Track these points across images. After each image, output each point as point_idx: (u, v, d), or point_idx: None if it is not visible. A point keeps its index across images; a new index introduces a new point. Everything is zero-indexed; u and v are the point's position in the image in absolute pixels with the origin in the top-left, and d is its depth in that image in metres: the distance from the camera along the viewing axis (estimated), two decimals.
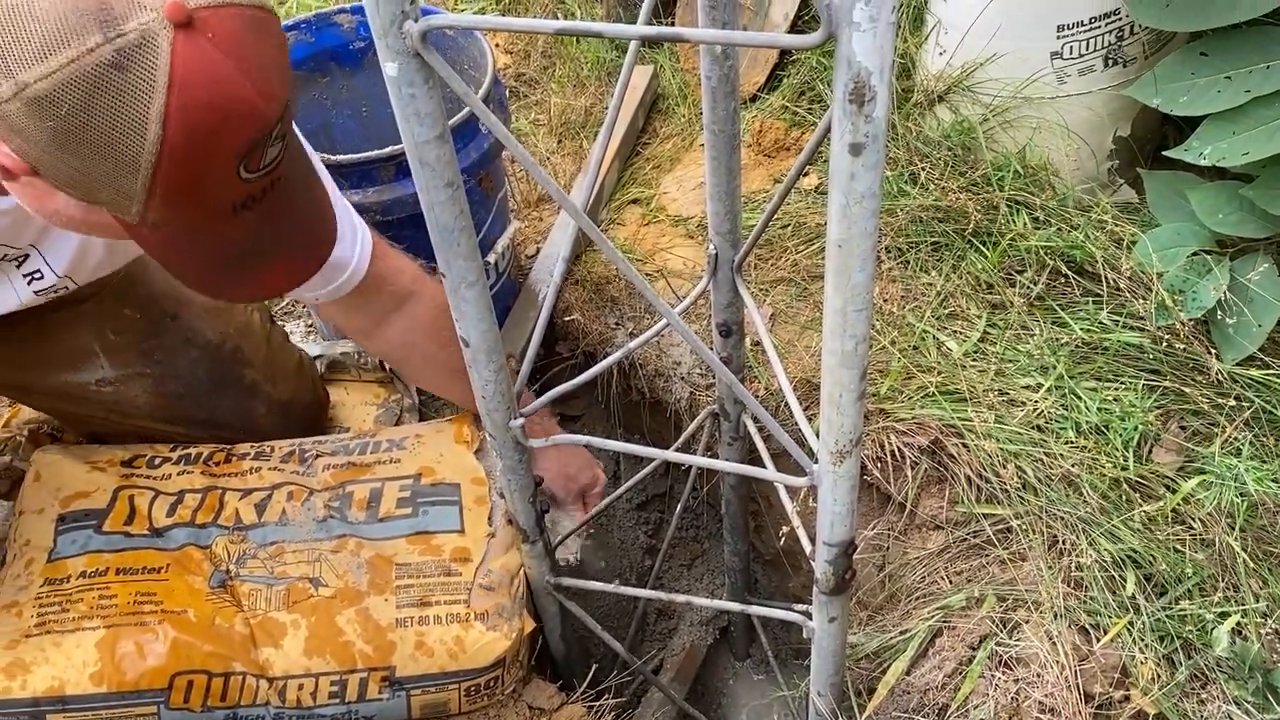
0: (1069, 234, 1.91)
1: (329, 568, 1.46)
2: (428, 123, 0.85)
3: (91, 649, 1.33)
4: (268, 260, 1.07)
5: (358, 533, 1.51)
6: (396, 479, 1.58)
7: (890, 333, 1.88)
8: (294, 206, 1.05)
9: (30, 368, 1.54)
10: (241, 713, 1.38)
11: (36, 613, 1.36)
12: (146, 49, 0.85)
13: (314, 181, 1.12)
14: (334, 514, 1.53)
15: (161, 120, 0.86)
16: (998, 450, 1.66)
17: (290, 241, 1.08)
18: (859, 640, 1.66)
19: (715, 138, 1.17)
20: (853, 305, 0.83)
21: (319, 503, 1.53)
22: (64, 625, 1.35)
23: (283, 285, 1.19)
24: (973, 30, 1.99)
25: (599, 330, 2.14)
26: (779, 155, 2.34)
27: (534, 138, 2.56)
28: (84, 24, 0.84)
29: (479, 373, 1.13)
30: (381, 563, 1.48)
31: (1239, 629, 1.45)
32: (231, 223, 0.98)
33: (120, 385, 1.58)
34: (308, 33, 1.93)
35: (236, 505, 1.51)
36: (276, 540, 1.48)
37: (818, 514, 1.06)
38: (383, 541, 1.50)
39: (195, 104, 0.87)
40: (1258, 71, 1.67)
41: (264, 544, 1.48)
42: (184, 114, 0.87)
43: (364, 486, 1.57)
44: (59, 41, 0.84)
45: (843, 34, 0.65)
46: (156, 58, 0.85)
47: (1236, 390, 1.67)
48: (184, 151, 0.89)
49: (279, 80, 0.95)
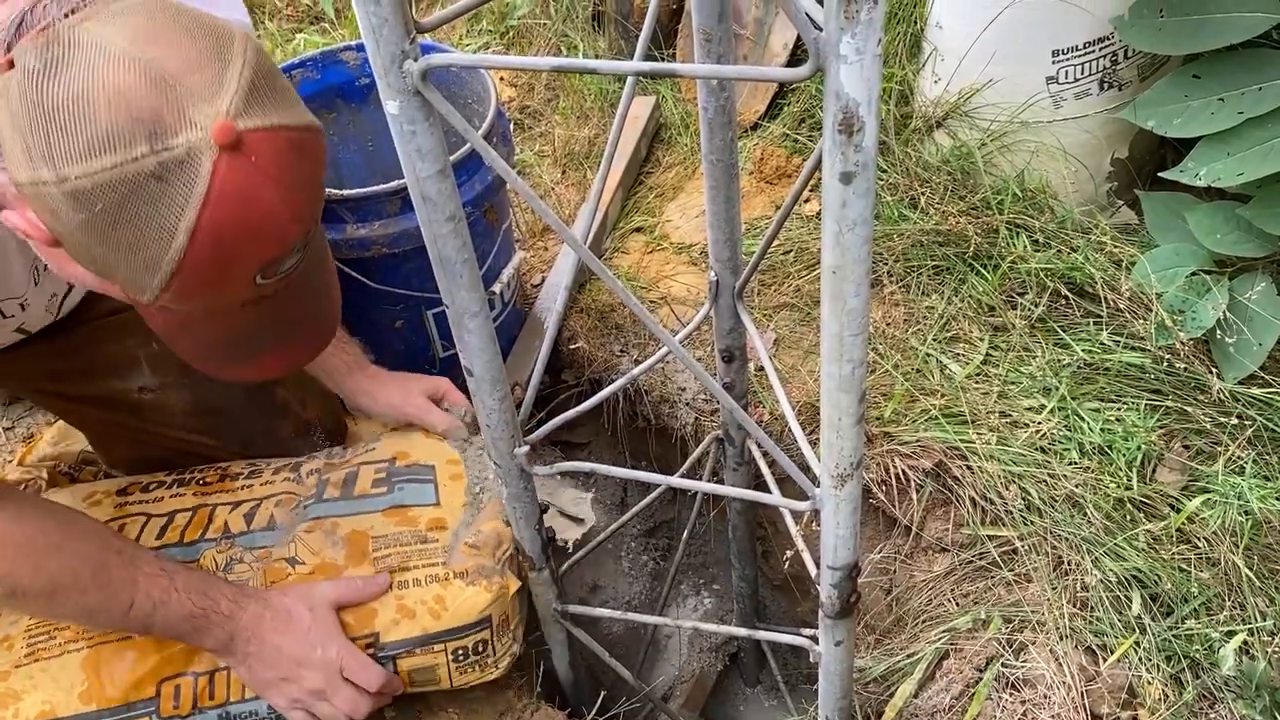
0: (1069, 256, 1.92)
1: (303, 546, 1.46)
2: (429, 159, 0.87)
3: (78, 670, 1.34)
4: (269, 348, 1.10)
5: (332, 511, 1.51)
6: (372, 463, 1.60)
7: (893, 356, 1.89)
8: (303, 301, 1.07)
9: (74, 375, 1.55)
10: (233, 709, 1.37)
11: (26, 643, 1.37)
12: (189, 165, 0.88)
13: (327, 272, 1.13)
14: (310, 500, 1.53)
15: (190, 233, 0.90)
16: (1002, 472, 1.67)
17: (294, 332, 1.11)
18: (866, 663, 1.66)
19: (714, 167, 1.19)
20: (849, 330, 0.84)
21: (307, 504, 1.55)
22: (51, 651, 1.36)
23: (280, 370, 1.21)
24: (969, 56, 2.02)
25: (604, 357, 2.16)
26: (780, 182, 2.36)
27: (539, 169, 2.59)
28: (135, 132, 0.86)
29: (483, 401, 1.15)
30: (358, 537, 1.47)
31: (1246, 647, 1.45)
32: (238, 315, 1.01)
33: (160, 393, 1.59)
34: (314, 70, 1.96)
35: (226, 518, 1.52)
36: (264, 545, 1.48)
37: (821, 538, 1.07)
38: (358, 516, 1.50)
39: (225, 222, 0.90)
40: (1250, 93, 1.69)
41: (252, 548, 1.47)
42: (213, 230, 0.90)
43: (339, 472, 1.59)
44: (107, 146, 0.86)
45: (830, 66, 0.67)
46: (197, 175, 0.88)
47: (1238, 409, 1.68)
48: (206, 262, 0.92)
49: (312, 199, 0.99)
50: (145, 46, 0.88)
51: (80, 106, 0.86)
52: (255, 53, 0.94)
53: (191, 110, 0.87)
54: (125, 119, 0.86)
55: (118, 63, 0.86)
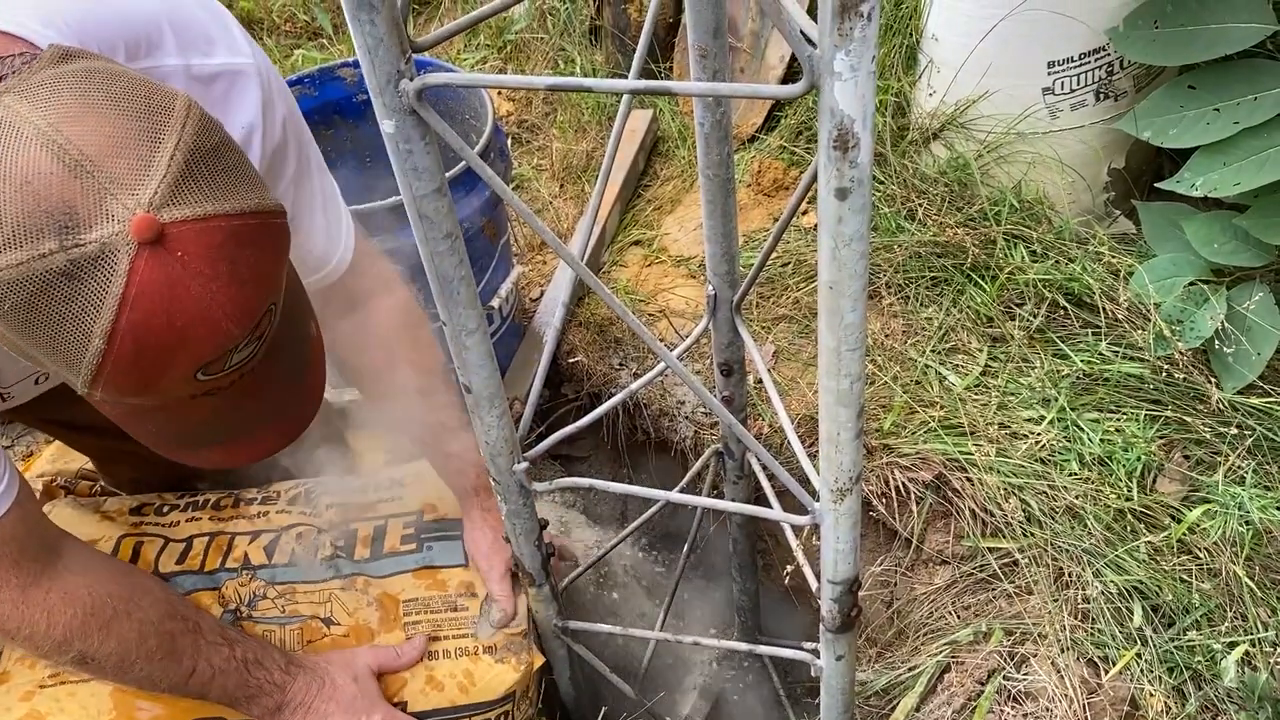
0: (1066, 266, 1.92)
1: (339, 606, 1.47)
2: (425, 177, 0.87)
3: (106, 698, 1.34)
4: (232, 438, 1.00)
5: (364, 570, 1.52)
6: (399, 515, 1.60)
7: (892, 368, 1.89)
8: (267, 389, 0.96)
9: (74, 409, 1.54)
10: None
11: (50, 665, 1.37)
12: (102, 264, 0.78)
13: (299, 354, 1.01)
14: (340, 553, 1.54)
15: (107, 336, 0.80)
16: (1001, 483, 1.67)
17: (259, 422, 1.00)
18: (868, 677, 1.66)
19: (710, 182, 1.19)
20: (846, 345, 0.84)
21: (325, 541, 1.55)
22: (77, 675, 1.36)
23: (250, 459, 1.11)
24: (964, 68, 2.02)
25: (603, 371, 2.16)
26: (778, 195, 2.36)
27: (537, 182, 2.59)
28: (42, 227, 0.77)
29: (482, 418, 1.14)
30: (388, 600, 1.48)
31: (1248, 658, 1.45)
32: (188, 407, 0.91)
33: None
34: (311, 86, 1.97)
35: (246, 548, 1.53)
36: (286, 580, 1.49)
37: (821, 552, 1.07)
38: (389, 578, 1.51)
39: (147, 325, 0.81)
40: (1245, 103, 1.69)
41: (273, 583, 1.49)
42: (133, 332, 0.80)
43: (368, 524, 1.58)
44: (12, 241, 0.77)
45: (825, 84, 0.67)
46: (113, 274, 0.78)
47: (1238, 418, 1.68)
48: (129, 366, 0.83)
49: (261, 291, 0.88)
50: (65, 125, 0.78)
51: None
52: (197, 126, 0.84)
53: (109, 201, 0.78)
54: (33, 211, 0.77)
55: (30, 145, 0.78)
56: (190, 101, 0.85)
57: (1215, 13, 1.71)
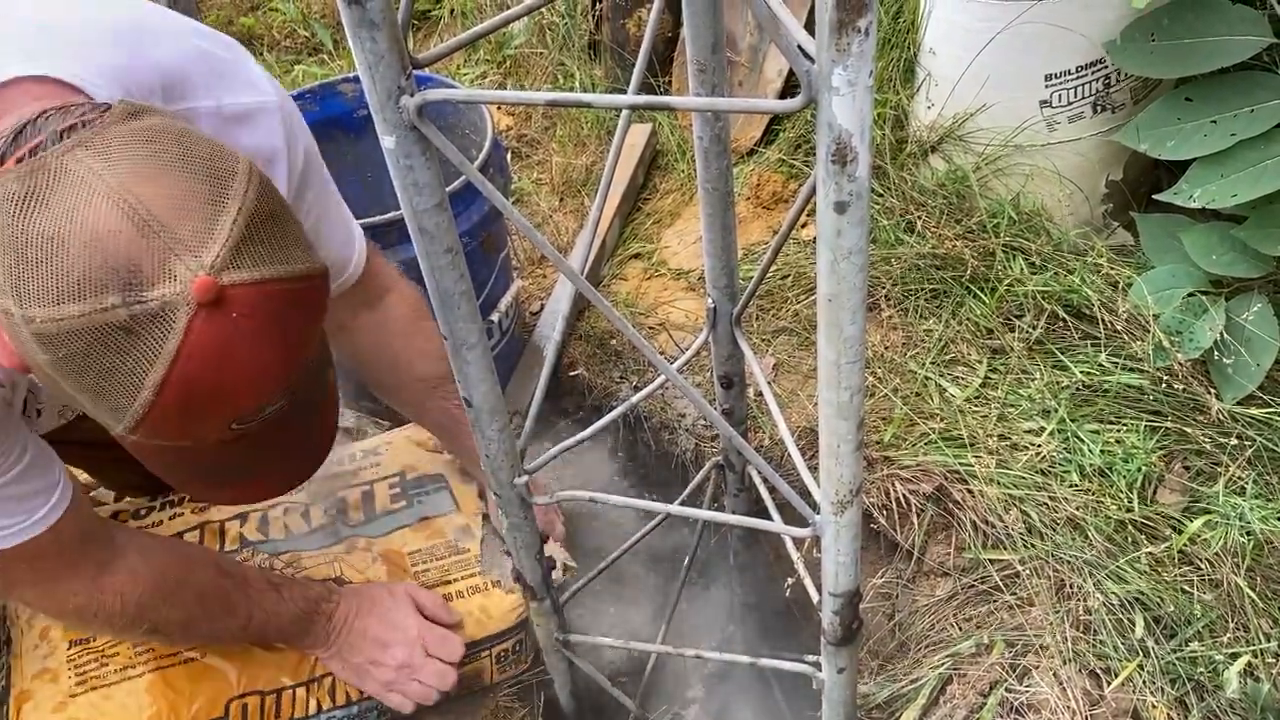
0: (1065, 278, 1.93)
1: (348, 566, 1.52)
2: (426, 192, 0.87)
3: (144, 694, 1.36)
4: (250, 478, 1.04)
5: (362, 532, 1.57)
6: (383, 479, 1.66)
7: (892, 380, 1.89)
8: (287, 433, 0.99)
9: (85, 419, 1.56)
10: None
11: (73, 673, 1.38)
12: (162, 321, 0.81)
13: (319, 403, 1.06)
14: (335, 521, 1.59)
15: (157, 388, 0.83)
16: (1002, 495, 1.67)
17: (279, 462, 1.04)
18: (870, 690, 1.65)
19: (709, 195, 1.19)
20: (846, 358, 0.84)
21: (316, 513, 1.59)
22: (107, 679, 1.37)
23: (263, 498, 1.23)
24: (962, 81, 2.03)
25: (604, 384, 2.16)
26: (777, 207, 2.37)
27: (536, 196, 2.60)
28: (107, 282, 0.80)
29: (483, 431, 1.15)
30: (394, 555, 1.54)
31: (1250, 669, 1.45)
32: (213, 451, 0.95)
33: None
34: (312, 102, 1.98)
35: (239, 530, 1.56)
36: (288, 550, 1.53)
37: (822, 564, 1.07)
38: (388, 535, 1.57)
39: (196, 380, 0.84)
40: (1242, 115, 1.70)
41: (277, 554, 1.53)
42: (182, 386, 0.84)
43: (354, 490, 1.64)
44: (77, 294, 0.80)
45: (823, 98, 0.67)
46: (169, 331, 0.82)
47: (1238, 429, 1.68)
48: (173, 416, 0.86)
49: (302, 348, 0.93)
50: (135, 185, 0.82)
51: (54, 247, 0.80)
52: (258, 191, 0.87)
53: (173, 261, 0.81)
54: (100, 266, 0.80)
55: (102, 203, 0.81)
56: (252, 165, 0.89)
57: (1212, 26, 1.72)
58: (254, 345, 0.86)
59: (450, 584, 1.53)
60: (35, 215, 0.81)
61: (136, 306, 0.81)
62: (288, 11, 3.43)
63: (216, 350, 0.84)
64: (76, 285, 0.80)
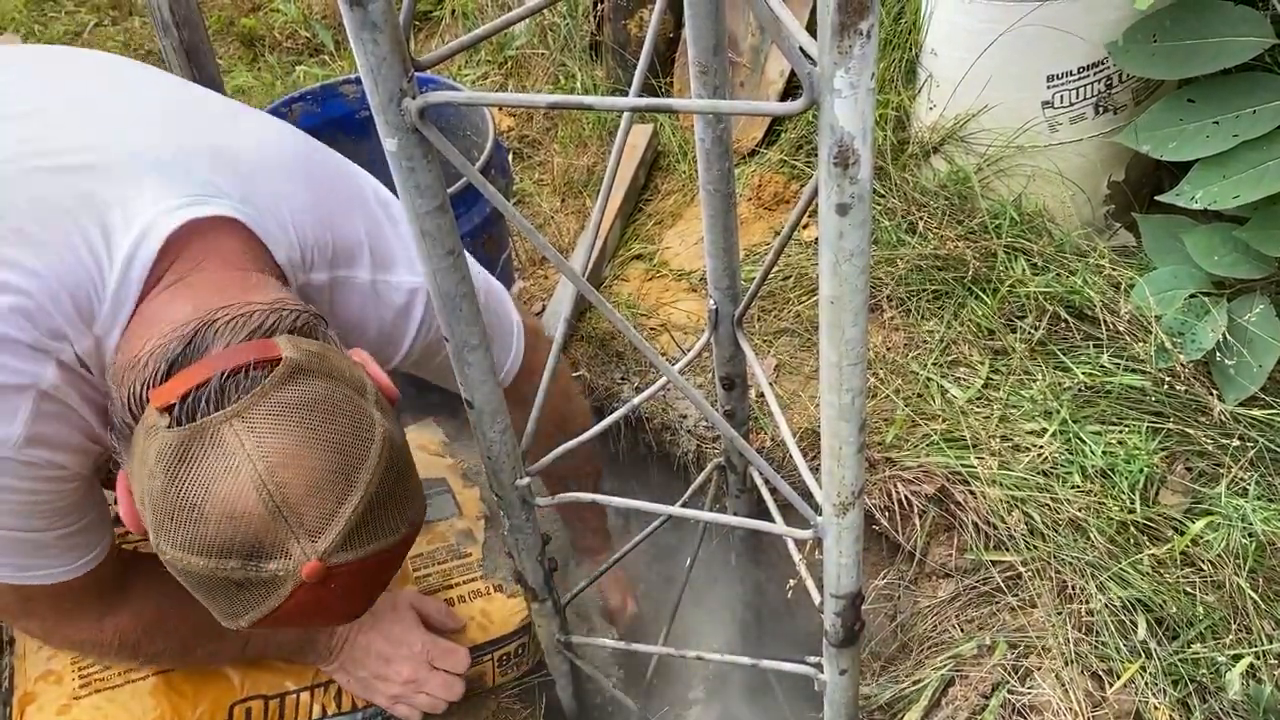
0: (1067, 279, 1.92)
1: None
2: (428, 194, 0.87)
3: (147, 698, 1.36)
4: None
5: None
6: None
7: (894, 381, 1.89)
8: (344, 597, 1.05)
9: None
10: None
11: (77, 675, 1.38)
12: (270, 586, 0.93)
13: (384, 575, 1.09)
14: None
15: (254, 623, 0.96)
16: (1004, 496, 1.67)
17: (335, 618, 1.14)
18: (872, 691, 1.65)
19: (711, 197, 1.19)
20: (847, 360, 0.84)
21: None
22: (111, 681, 1.37)
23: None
24: (964, 82, 2.03)
25: (605, 385, 2.16)
26: (778, 209, 2.37)
27: (538, 197, 2.60)
28: (232, 549, 0.90)
29: (484, 433, 1.15)
30: None
31: (1252, 671, 1.44)
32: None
33: None
34: (314, 104, 1.98)
35: None
36: None
37: (824, 566, 1.07)
38: None
39: (286, 622, 0.96)
40: (1244, 116, 1.70)
41: None
42: (273, 623, 0.96)
43: None
44: (204, 552, 0.90)
45: (825, 101, 0.67)
46: (273, 594, 0.93)
47: (1240, 430, 1.68)
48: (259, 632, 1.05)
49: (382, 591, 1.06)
50: (278, 470, 0.90)
51: (196, 513, 0.90)
52: (383, 475, 0.95)
53: (292, 544, 0.91)
54: (229, 538, 0.90)
55: (245, 485, 0.89)
56: (385, 439, 0.97)
57: (1214, 27, 1.72)
58: (346, 603, 1.00)
59: (452, 588, 1.52)
60: (187, 477, 0.90)
61: (252, 572, 0.92)
62: (289, 12, 3.43)
63: (311, 608, 0.95)
64: (206, 546, 0.90)
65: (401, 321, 1.23)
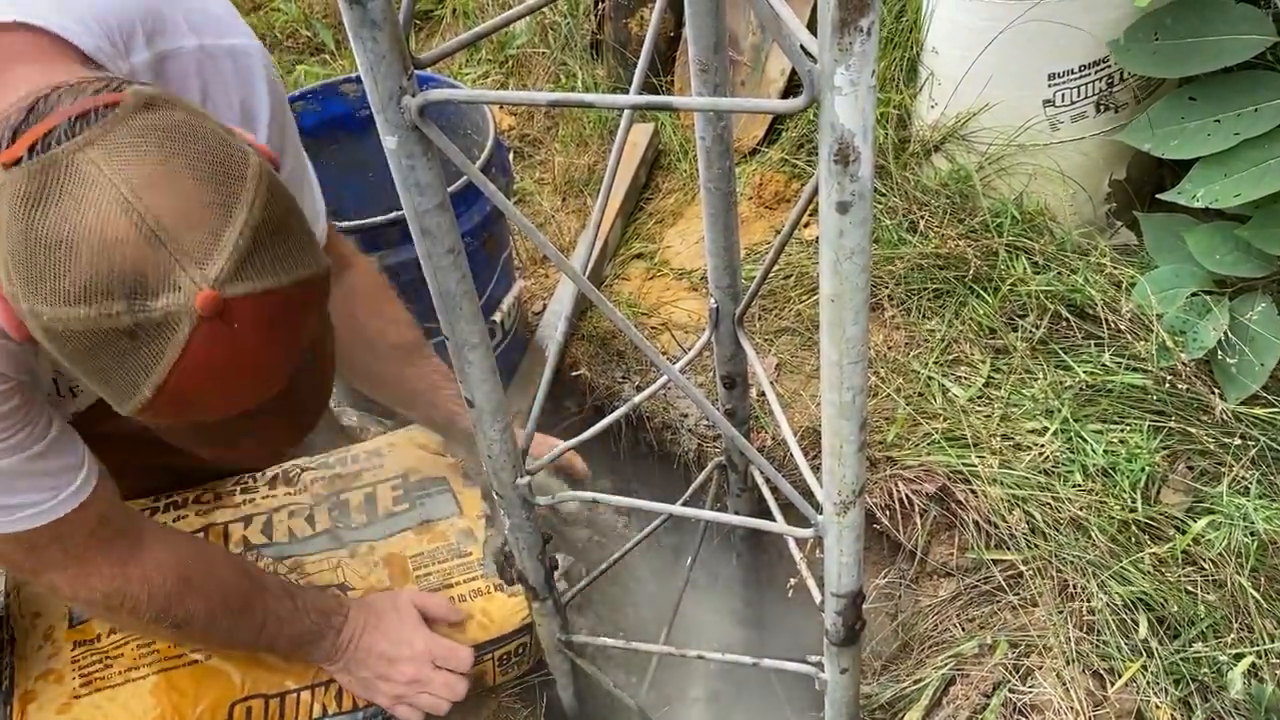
0: (1068, 278, 1.92)
1: (350, 570, 1.51)
2: (428, 193, 0.87)
3: (148, 696, 1.35)
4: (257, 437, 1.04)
5: (364, 536, 1.56)
6: (385, 480, 1.65)
7: (895, 380, 1.89)
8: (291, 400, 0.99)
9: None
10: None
11: (77, 674, 1.38)
12: (165, 329, 0.83)
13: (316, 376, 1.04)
14: (338, 524, 1.58)
15: (156, 389, 0.86)
16: (1005, 495, 1.67)
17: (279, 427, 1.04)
18: (873, 690, 1.65)
19: (712, 195, 1.19)
20: (848, 358, 0.84)
21: (320, 516, 1.59)
22: (111, 680, 1.37)
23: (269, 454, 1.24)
24: (965, 81, 2.03)
25: (606, 384, 2.16)
26: (779, 207, 2.37)
27: (539, 196, 2.60)
28: (113, 289, 0.81)
29: (485, 432, 1.14)
30: (396, 559, 1.53)
31: (1254, 670, 1.44)
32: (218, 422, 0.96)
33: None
34: (315, 102, 1.98)
35: (243, 533, 1.56)
36: (291, 555, 1.53)
37: (825, 565, 1.07)
38: (391, 539, 1.56)
39: (193, 382, 0.86)
40: (1246, 114, 1.69)
41: (281, 559, 1.52)
42: (179, 385, 0.86)
43: (357, 493, 1.63)
44: (84, 297, 0.82)
45: (825, 99, 0.67)
46: (170, 340, 0.83)
47: (1241, 429, 1.67)
48: (172, 409, 0.89)
49: (303, 350, 0.93)
50: (145, 192, 0.82)
51: (63, 251, 0.81)
52: (265, 198, 0.87)
53: (178, 273, 0.82)
54: (106, 273, 0.81)
55: (111, 208, 0.81)
56: (261, 166, 0.88)
57: (1215, 25, 1.72)
58: (255, 352, 0.88)
59: (452, 587, 1.52)
60: (46, 216, 0.81)
61: (140, 314, 0.82)
62: (289, 11, 3.43)
63: (216, 359, 0.85)
64: (83, 289, 0.81)
65: (247, 85, 1.13)
